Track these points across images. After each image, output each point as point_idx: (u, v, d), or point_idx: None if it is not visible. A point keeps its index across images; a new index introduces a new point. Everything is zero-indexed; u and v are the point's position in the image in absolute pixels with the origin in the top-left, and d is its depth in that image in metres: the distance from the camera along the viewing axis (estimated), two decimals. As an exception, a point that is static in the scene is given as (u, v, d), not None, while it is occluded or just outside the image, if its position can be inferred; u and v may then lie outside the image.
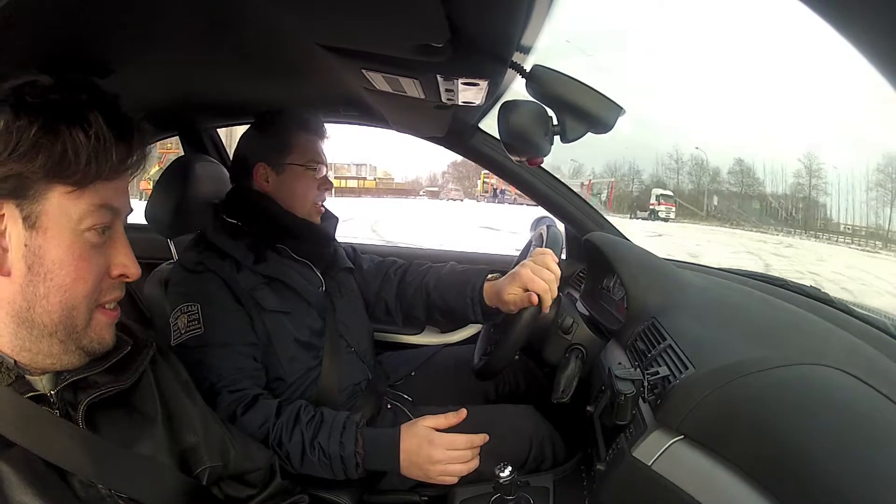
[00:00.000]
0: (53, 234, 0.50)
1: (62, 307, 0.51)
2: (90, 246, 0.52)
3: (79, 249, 0.51)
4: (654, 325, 0.82)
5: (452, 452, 0.85)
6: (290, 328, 0.99)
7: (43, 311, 0.50)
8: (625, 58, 64.50)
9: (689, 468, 0.56)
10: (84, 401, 0.54)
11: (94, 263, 0.52)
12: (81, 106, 0.50)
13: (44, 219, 0.49)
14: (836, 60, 44.23)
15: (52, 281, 0.50)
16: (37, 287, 0.50)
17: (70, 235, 0.50)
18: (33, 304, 0.50)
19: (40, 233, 0.49)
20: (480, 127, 1.33)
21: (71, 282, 0.51)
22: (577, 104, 0.63)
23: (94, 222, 0.51)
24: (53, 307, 0.51)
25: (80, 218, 0.51)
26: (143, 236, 1.37)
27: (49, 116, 0.48)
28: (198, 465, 0.64)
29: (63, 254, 0.50)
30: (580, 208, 1.36)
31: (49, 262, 0.50)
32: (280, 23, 0.63)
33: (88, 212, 0.51)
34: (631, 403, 0.66)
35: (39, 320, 0.51)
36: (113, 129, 0.51)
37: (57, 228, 0.50)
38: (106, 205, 0.52)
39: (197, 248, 1.01)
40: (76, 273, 0.51)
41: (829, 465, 0.47)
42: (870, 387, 0.57)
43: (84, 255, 0.51)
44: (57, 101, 0.49)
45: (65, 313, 0.51)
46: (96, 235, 0.52)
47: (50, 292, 0.50)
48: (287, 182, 1.04)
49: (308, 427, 0.87)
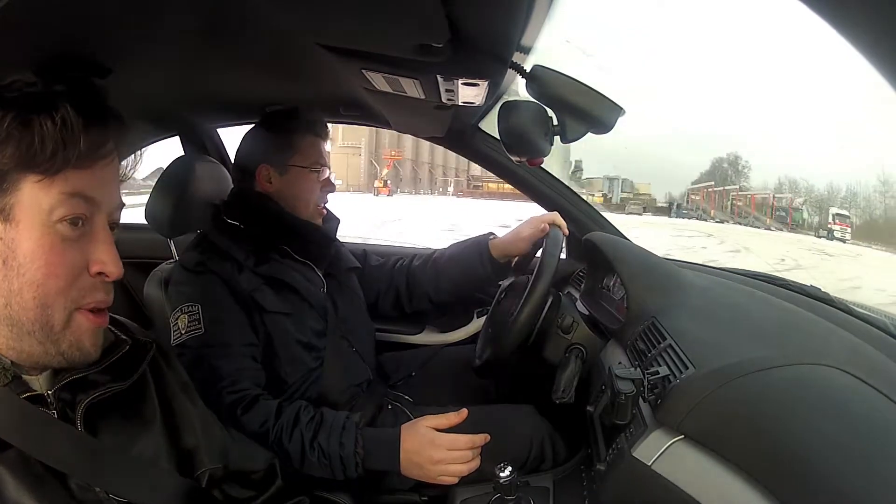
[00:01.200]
0: (25, 226, 0.48)
1: (36, 304, 0.49)
2: (62, 239, 0.49)
3: (49, 242, 0.49)
4: (654, 325, 0.82)
5: (453, 452, 0.85)
6: (291, 329, 0.99)
7: (19, 307, 0.49)
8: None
9: (689, 468, 0.56)
10: (83, 401, 0.54)
11: (68, 258, 0.50)
12: (53, 96, 0.49)
13: (17, 210, 0.48)
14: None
15: (24, 276, 0.48)
16: (11, 282, 0.48)
17: (41, 227, 0.48)
18: (9, 300, 0.49)
19: (13, 225, 0.48)
20: (480, 127, 1.33)
21: (42, 277, 0.49)
22: (577, 104, 0.63)
23: (66, 212, 0.49)
24: (28, 304, 0.49)
25: (51, 208, 0.48)
26: (143, 236, 1.37)
27: (22, 108, 0.47)
28: (197, 467, 0.64)
29: (34, 246, 0.48)
30: (580, 208, 1.36)
31: (21, 255, 0.48)
32: (280, 23, 0.63)
33: (59, 201, 0.49)
34: (631, 403, 0.66)
35: (17, 318, 0.49)
36: (83, 116, 0.49)
37: (29, 220, 0.48)
38: (78, 193, 0.50)
39: (198, 249, 1.01)
40: (47, 268, 0.49)
41: (829, 464, 0.47)
42: (870, 387, 0.57)
43: (55, 249, 0.49)
44: (31, 93, 0.49)
45: (39, 311, 0.49)
46: (69, 228, 0.50)
47: (23, 288, 0.48)
48: (290, 184, 1.04)
49: (308, 427, 0.87)
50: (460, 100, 0.80)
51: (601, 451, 0.74)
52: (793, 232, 17.58)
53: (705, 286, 0.98)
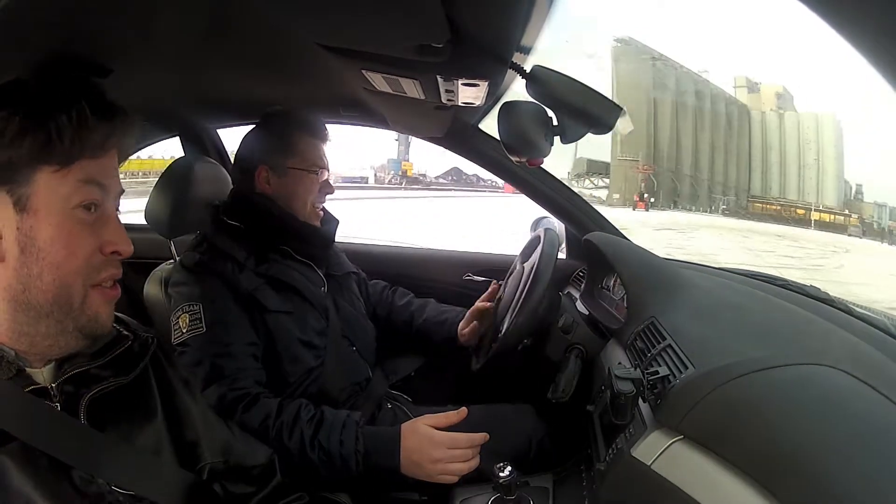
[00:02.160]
0: (44, 213, 0.51)
1: (56, 285, 0.52)
2: (79, 223, 0.53)
3: (69, 226, 0.52)
4: (653, 325, 0.82)
5: (453, 451, 0.85)
6: (292, 328, 1.00)
7: (38, 290, 0.51)
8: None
9: (689, 468, 0.56)
10: (86, 395, 0.55)
11: (85, 240, 0.53)
12: (65, 94, 0.52)
13: (33, 200, 0.50)
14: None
15: (45, 260, 0.51)
16: (30, 268, 0.51)
17: (60, 213, 0.52)
18: (28, 285, 0.51)
19: (31, 214, 0.51)
20: (480, 127, 1.33)
21: (62, 259, 0.52)
22: (577, 104, 0.63)
23: (83, 198, 0.53)
24: (47, 286, 0.52)
25: (69, 195, 0.52)
26: (144, 236, 1.37)
27: (32, 105, 0.50)
28: (198, 462, 0.64)
29: (54, 232, 0.51)
30: (580, 208, 1.36)
31: (41, 241, 0.51)
32: (280, 23, 0.63)
33: (76, 188, 0.52)
34: (631, 403, 0.66)
35: (35, 301, 0.52)
36: (95, 113, 0.52)
37: (47, 208, 0.51)
38: (92, 180, 0.53)
39: (198, 249, 1.01)
40: (67, 249, 0.52)
41: (829, 464, 0.47)
42: (870, 387, 0.57)
43: (74, 231, 0.52)
44: (40, 92, 0.51)
45: (59, 291, 0.52)
46: (85, 213, 0.53)
47: (43, 271, 0.51)
48: (288, 185, 1.05)
49: (308, 425, 0.87)
50: (460, 100, 0.80)
51: (601, 451, 0.74)
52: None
53: (705, 286, 0.98)
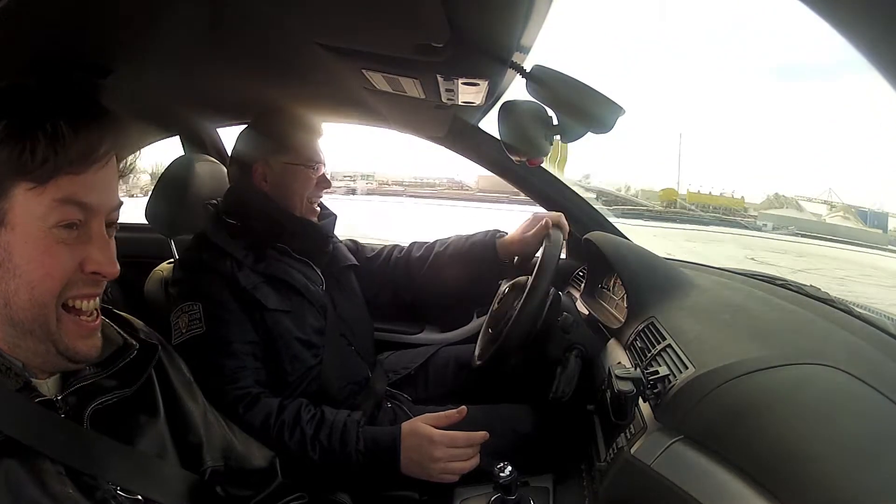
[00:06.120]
0: (21, 230, 0.50)
1: (32, 304, 0.51)
2: (58, 242, 0.51)
3: (45, 245, 0.50)
4: (653, 325, 0.82)
5: (453, 450, 0.85)
6: (291, 327, 1.00)
7: (17, 307, 0.51)
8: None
9: (689, 468, 0.56)
10: (89, 406, 0.55)
11: (64, 260, 0.51)
12: (46, 103, 0.50)
13: (11, 215, 0.49)
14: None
15: (21, 277, 0.50)
16: (8, 283, 0.50)
17: (36, 232, 0.50)
18: (8, 300, 0.50)
19: (9, 229, 0.49)
20: (480, 127, 1.33)
21: (38, 278, 0.50)
22: (577, 104, 0.63)
23: (59, 219, 0.50)
24: (24, 303, 0.51)
25: (44, 215, 0.50)
26: (144, 236, 1.38)
27: (15, 116, 0.48)
28: (200, 464, 0.65)
29: (30, 250, 0.50)
30: (580, 208, 1.36)
31: (17, 257, 0.50)
32: (280, 23, 0.63)
33: (52, 208, 0.50)
34: (631, 403, 0.66)
35: (17, 317, 0.51)
36: (72, 125, 0.50)
37: (23, 225, 0.50)
38: (70, 200, 0.50)
39: (197, 248, 1.01)
40: (43, 269, 0.50)
41: (829, 464, 0.47)
42: (870, 387, 0.57)
43: (51, 251, 0.50)
44: (25, 100, 0.50)
45: (36, 311, 0.51)
46: (65, 231, 0.51)
47: (20, 288, 0.50)
48: (284, 181, 1.04)
49: (309, 425, 0.87)
50: (460, 99, 0.80)
51: (601, 451, 0.75)
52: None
53: (705, 286, 0.98)
